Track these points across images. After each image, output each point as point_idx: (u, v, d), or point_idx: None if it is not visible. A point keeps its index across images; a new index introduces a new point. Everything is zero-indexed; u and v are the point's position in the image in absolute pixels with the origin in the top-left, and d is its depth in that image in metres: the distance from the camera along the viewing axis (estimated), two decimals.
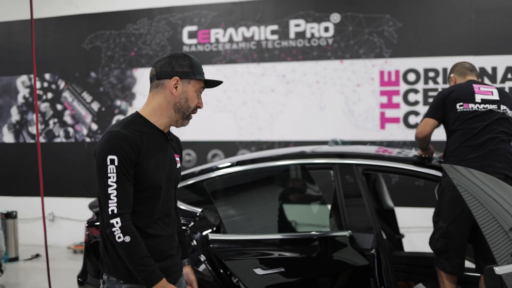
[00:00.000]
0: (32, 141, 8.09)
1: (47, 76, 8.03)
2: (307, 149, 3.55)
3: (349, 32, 6.56)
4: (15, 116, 8.24)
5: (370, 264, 2.87)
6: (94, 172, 2.11)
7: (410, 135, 6.32)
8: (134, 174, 2.06)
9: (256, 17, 6.96)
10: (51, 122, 8.01)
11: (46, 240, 4.01)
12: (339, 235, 2.90)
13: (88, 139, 7.83)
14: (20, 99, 8.21)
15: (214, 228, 3.15)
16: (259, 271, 2.64)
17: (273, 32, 6.91)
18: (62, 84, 7.96)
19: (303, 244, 2.84)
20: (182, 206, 3.26)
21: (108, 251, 2.14)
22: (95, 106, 7.78)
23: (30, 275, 6.30)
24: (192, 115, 2.22)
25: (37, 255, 7.10)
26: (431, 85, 6.30)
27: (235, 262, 2.71)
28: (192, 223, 3.18)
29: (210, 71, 7.08)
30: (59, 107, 7.98)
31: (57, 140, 7.98)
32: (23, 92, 8.20)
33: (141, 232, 2.08)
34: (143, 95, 7.53)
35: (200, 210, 3.23)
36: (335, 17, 6.62)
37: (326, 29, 6.66)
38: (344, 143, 3.96)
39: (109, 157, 2.00)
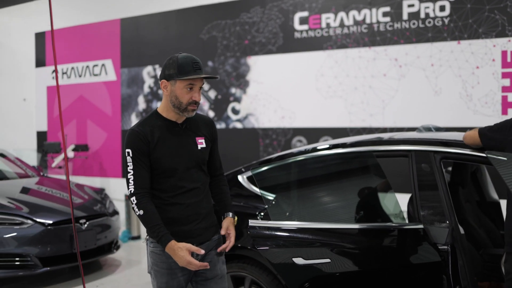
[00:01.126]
0: None
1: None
2: (387, 135, 3.38)
3: (467, 10, 6.09)
4: (141, 104, 8.83)
5: (443, 261, 2.68)
6: None
7: None
8: (150, 161, 2.54)
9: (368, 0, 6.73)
10: None
11: None
12: (409, 228, 2.74)
13: None
14: (146, 89, 8.77)
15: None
16: (300, 260, 2.63)
17: (385, 14, 6.63)
18: None
19: (365, 235, 2.75)
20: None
21: None
22: (212, 94, 8.07)
23: None
24: (192, 107, 2.53)
25: None
26: None
27: (272, 251, 2.71)
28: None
29: (320, 57, 7.00)
30: None
31: None
32: (148, 81, 8.75)
33: (165, 202, 2.56)
34: (256, 82, 7.66)
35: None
36: None
37: (442, 8, 6.24)
38: (438, 129, 3.68)
39: (127, 150, 2.54)
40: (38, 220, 5.07)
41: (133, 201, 2.51)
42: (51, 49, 9.97)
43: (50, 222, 5.09)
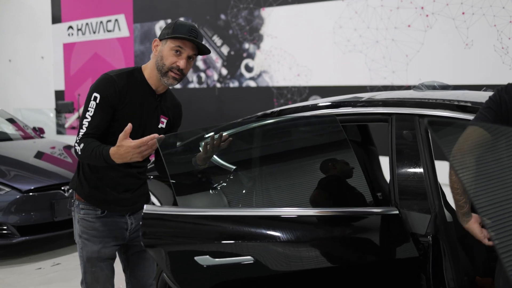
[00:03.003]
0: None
1: (182, 20, 7.90)
2: (367, 95, 2.71)
3: None
4: None
5: (422, 256, 2.08)
6: (226, 119, 2.10)
7: None
8: (112, 115, 2.27)
9: None
10: None
11: None
12: (379, 213, 2.13)
13: (218, 85, 7.61)
14: None
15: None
16: (206, 260, 1.94)
17: None
18: None
19: (312, 223, 2.11)
20: None
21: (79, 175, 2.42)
22: (225, 50, 7.48)
23: None
24: (173, 74, 2.30)
25: None
26: None
27: (163, 249, 2.04)
28: None
29: (339, 7, 6.28)
30: None
31: (191, 85, 7.90)
32: None
33: (105, 164, 2.23)
34: (270, 37, 7.01)
35: None
36: None
37: None
38: (445, 87, 2.97)
39: (94, 94, 2.24)
40: (15, 186, 4.71)
41: (76, 143, 2.23)
42: (66, 4, 9.57)
43: (28, 188, 4.72)
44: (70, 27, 9.53)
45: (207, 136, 2.49)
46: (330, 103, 2.60)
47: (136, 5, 8.51)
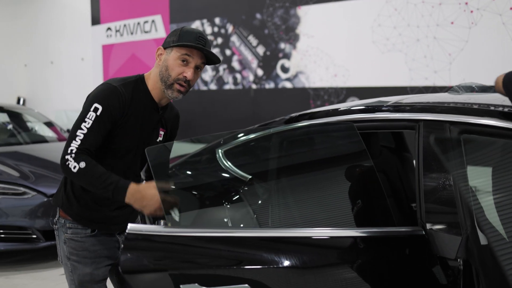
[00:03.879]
0: (204, 88, 8.01)
1: (217, 20, 7.78)
2: (395, 98, 2.45)
3: None
4: None
5: (452, 284, 1.82)
6: (262, 121, 2.07)
7: None
8: (110, 130, 2.09)
9: None
10: (221, 68, 7.80)
11: None
12: (402, 234, 1.88)
13: (254, 86, 7.43)
14: None
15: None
16: None
17: None
18: (230, 28, 7.64)
19: (324, 246, 1.85)
20: None
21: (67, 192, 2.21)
22: (260, 50, 7.30)
23: None
24: (178, 87, 2.11)
25: None
26: None
27: (145, 277, 1.78)
28: None
29: (378, 4, 6.00)
30: (228, 52, 7.69)
31: (227, 87, 7.75)
32: None
33: (108, 195, 2.03)
34: (306, 36, 6.78)
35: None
36: None
37: None
38: (484, 89, 2.66)
39: (95, 104, 2.04)
40: (41, 190, 4.67)
41: (70, 157, 1.99)
42: (105, 5, 9.60)
43: (53, 192, 4.67)
44: (109, 28, 9.55)
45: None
46: (348, 108, 2.36)
47: (173, 5, 8.43)
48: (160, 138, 2.28)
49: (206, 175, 2.23)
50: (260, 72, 7.33)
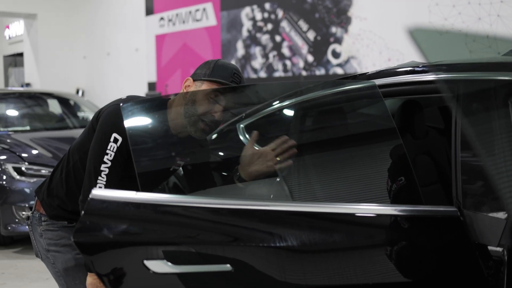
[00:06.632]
0: (254, 76, 7.80)
1: (267, 5, 7.53)
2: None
3: None
4: (240, 50, 8.04)
5: (493, 275, 1.49)
6: None
7: None
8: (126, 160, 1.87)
9: None
10: (271, 55, 7.56)
11: None
12: (432, 214, 1.55)
13: (304, 73, 7.13)
14: (245, 33, 7.94)
15: None
16: (159, 266, 1.39)
17: None
18: (280, 13, 7.37)
19: (333, 221, 1.54)
20: None
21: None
22: (311, 35, 6.99)
23: None
24: (203, 126, 1.85)
25: None
26: None
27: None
28: None
29: None
30: (277, 38, 7.44)
31: (276, 74, 7.50)
32: (247, 25, 7.91)
33: None
34: (359, 19, 6.42)
35: None
36: None
37: None
38: None
39: (115, 135, 1.84)
40: None
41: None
42: None
43: None
44: (162, 18, 9.51)
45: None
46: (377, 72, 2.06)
47: None
48: (175, 167, 2.07)
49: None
50: (310, 58, 7.03)
